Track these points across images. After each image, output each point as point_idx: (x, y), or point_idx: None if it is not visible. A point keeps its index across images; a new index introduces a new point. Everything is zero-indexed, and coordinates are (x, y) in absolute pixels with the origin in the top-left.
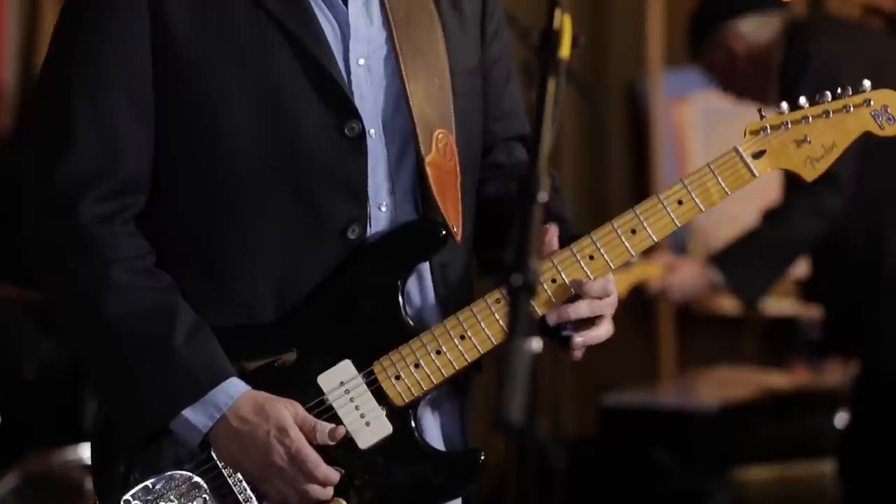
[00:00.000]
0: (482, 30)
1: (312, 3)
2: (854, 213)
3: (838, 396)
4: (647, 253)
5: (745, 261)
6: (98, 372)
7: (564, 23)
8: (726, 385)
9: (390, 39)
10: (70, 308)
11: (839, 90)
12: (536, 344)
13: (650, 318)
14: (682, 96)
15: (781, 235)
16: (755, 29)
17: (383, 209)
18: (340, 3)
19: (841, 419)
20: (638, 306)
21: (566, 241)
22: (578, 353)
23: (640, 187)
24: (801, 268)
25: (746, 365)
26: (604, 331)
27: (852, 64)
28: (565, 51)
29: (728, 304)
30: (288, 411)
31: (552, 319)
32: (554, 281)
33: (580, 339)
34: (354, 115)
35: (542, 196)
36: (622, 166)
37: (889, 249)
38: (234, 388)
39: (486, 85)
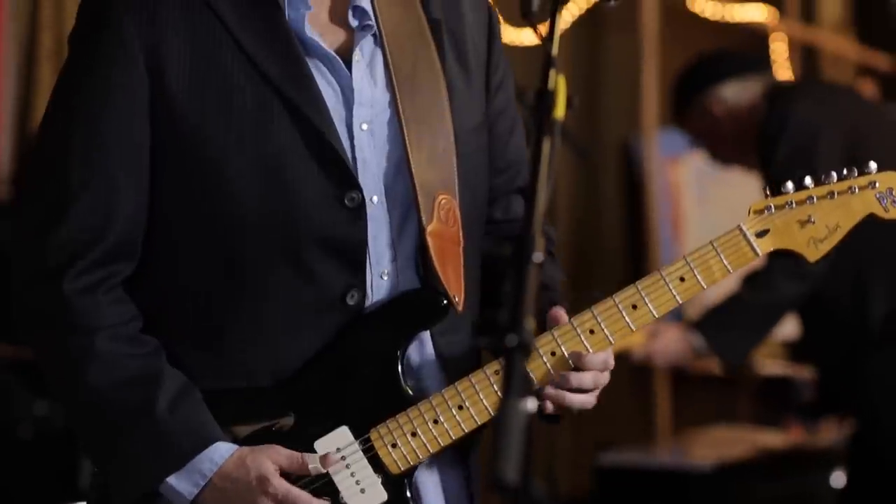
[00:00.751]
0: (487, 82)
1: (314, 68)
2: (838, 270)
3: (834, 455)
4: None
5: (728, 325)
6: (85, 439)
7: (559, 83)
8: (722, 445)
9: (394, 102)
10: (55, 376)
11: (844, 171)
12: (531, 404)
13: (645, 377)
14: (677, 156)
15: (763, 299)
16: (737, 93)
17: (385, 277)
18: (343, 66)
19: (837, 478)
20: (633, 366)
21: (552, 307)
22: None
23: (634, 246)
24: (792, 328)
25: (742, 424)
26: (593, 399)
27: (831, 127)
28: (560, 111)
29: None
30: (269, 458)
31: (552, 390)
32: (553, 354)
33: (576, 402)
34: (354, 185)
35: (538, 256)
36: (617, 225)
37: (874, 305)
38: (219, 453)
39: (490, 138)
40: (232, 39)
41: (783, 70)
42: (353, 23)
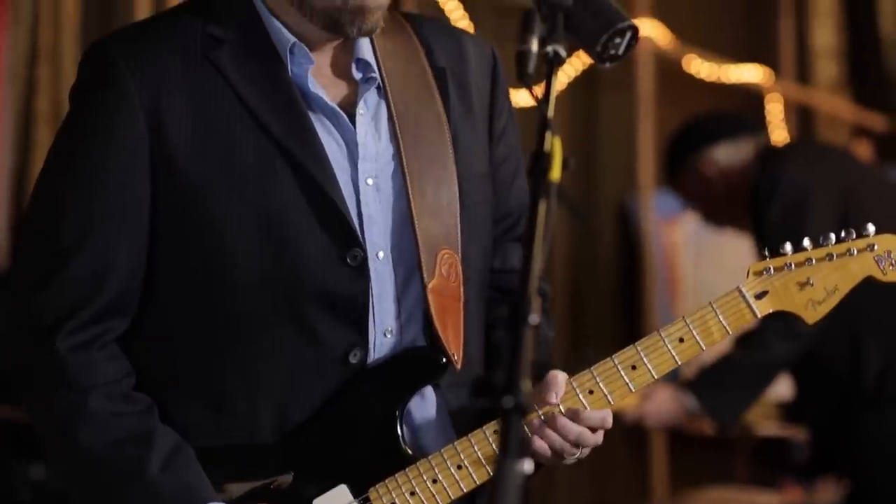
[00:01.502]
0: (490, 129)
1: (317, 123)
2: (831, 328)
3: None
4: None
5: (721, 385)
6: (79, 499)
7: (555, 145)
8: None
9: (398, 155)
10: (48, 436)
11: (843, 233)
12: (528, 465)
13: (641, 438)
14: (673, 216)
15: (756, 359)
16: (729, 155)
17: (388, 335)
18: (348, 120)
19: None
20: (628, 426)
21: (542, 365)
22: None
23: (631, 306)
24: (786, 388)
25: (738, 485)
26: (571, 453)
27: (823, 188)
28: (556, 173)
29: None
30: None
31: (549, 433)
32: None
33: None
34: (357, 243)
35: (533, 318)
36: (613, 285)
37: (867, 363)
38: None
39: (493, 185)
40: (234, 94)
41: (779, 130)
42: (357, 76)
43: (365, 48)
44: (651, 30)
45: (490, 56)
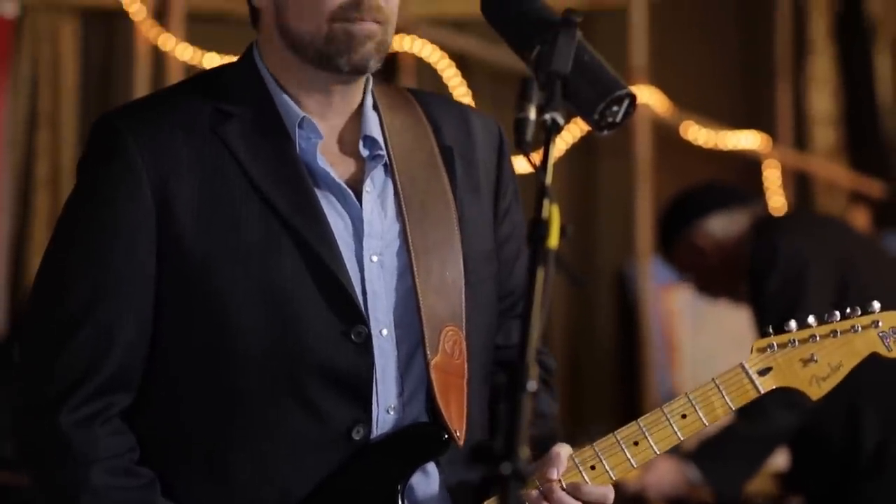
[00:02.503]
0: (495, 208)
1: (324, 199)
2: (829, 400)
3: None
4: None
5: (722, 456)
6: None
7: (553, 213)
8: None
9: (403, 232)
10: None
11: (848, 309)
12: None
13: None
14: (671, 283)
15: (758, 430)
16: (724, 226)
17: (391, 412)
18: (354, 198)
19: None
20: (631, 498)
21: (547, 438)
22: None
23: (629, 373)
24: (782, 458)
25: None
26: None
27: (821, 259)
28: (553, 241)
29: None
30: None
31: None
32: None
33: None
34: (361, 320)
35: (531, 385)
36: (611, 352)
37: (866, 434)
38: None
39: (498, 262)
40: (241, 170)
41: (776, 197)
42: (364, 153)
43: (373, 125)
44: (649, 96)
45: (496, 134)
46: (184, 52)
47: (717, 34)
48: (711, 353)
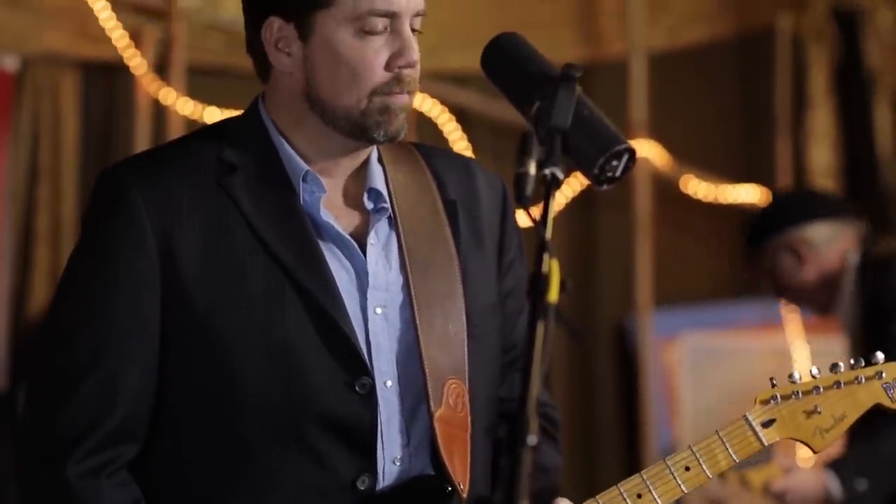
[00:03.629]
0: (499, 262)
1: (327, 252)
2: None
3: None
4: None
5: (868, 472)
6: None
7: (553, 267)
8: None
9: (407, 285)
10: None
11: (852, 361)
12: None
13: None
14: (671, 336)
15: None
16: (826, 238)
17: (397, 463)
18: (358, 250)
19: None
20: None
21: (549, 491)
22: None
23: (629, 426)
24: None
25: None
26: None
27: None
28: (553, 295)
29: None
30: None
31: None
32: None
33: None
34: (366, 371)
35: (531, 439)
36: (611, 406)
37: None
38: None
39: (501, 316)
40: (245, 222)
41: None
42: (369, 205)
43: (377, 177)
44: (648, 150)
45: (500, 188)
46: (184, 106)
47: (717, 88)
48: (711, 406)
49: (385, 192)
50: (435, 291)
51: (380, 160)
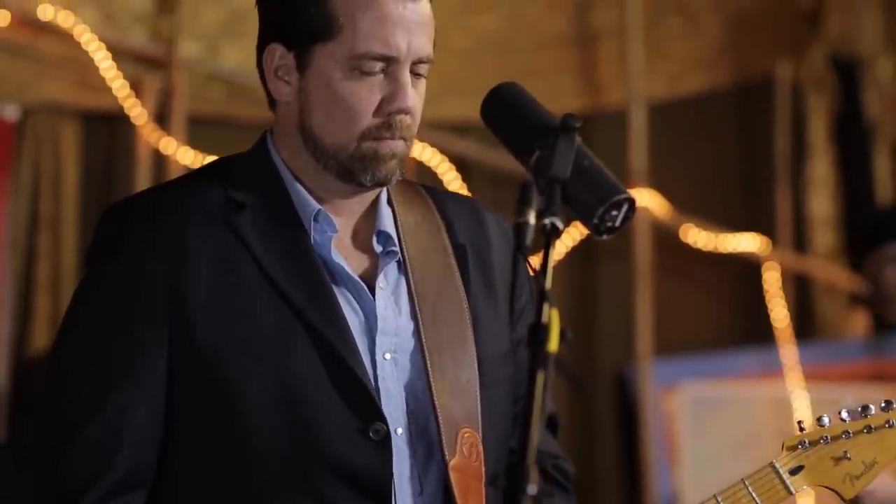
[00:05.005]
0: (511, 309)
1: (338, 294)
2: None
3: None
4: None
5: None
6: None
7: (552, 317)
8: None
9: (417, 332)
10: None
11: (883, 404)
12: None
13: None
14: (671, 385)
15: None
16: None
17: None
18: (368, 293)
19: None
20: None
21: None
22: None
23: (629, 476)
24: None
25: None
26: None
27: None
28: (553, 345)
29: None
30: None
31: None
32: None
33: None
34: (379, 417)
35: (531, 488)
36: (612, 455)
37: None
38: None
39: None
40: (254, 261)
41: (776, 299)
42: (378, 248)
43: (387, 220)
44: (648, 199)
45: (510, 234)
46: (185, 156)
47: (717, 136)
48: (712, 455)
49: (395, 235)
50: (446, 338)
51: (389, 202)
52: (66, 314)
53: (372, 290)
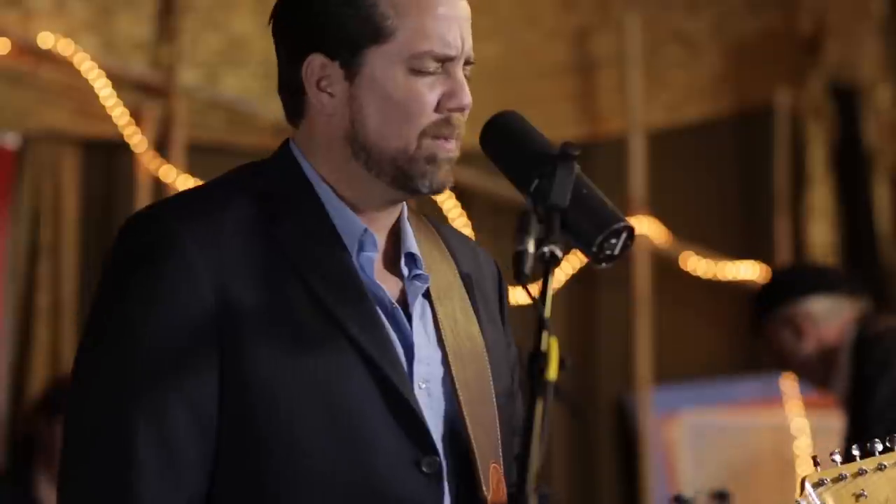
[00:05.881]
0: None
1: (385, 322)
2: None
3: None
4: None
5: None
6: None
7: (552, 345)
8: None
9: (445, 361)
10: None
11: (888, 441)
12: None
13: None
14: (671, 413)
15: None
16: (827, 312)
17: None
18: (405, 321)
19: None
20: None
21: None
22: None
23: (630, 503)
24: None
25: None
26: None
27: None
28: (552, 373)
29: None
30: None
31: None
32: None
33: None
34: (434, 449)
35: None
36: (612, 483)
37: None
38: None
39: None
40: (300, 281)
41: None
42: (405, 271)
43: (411, 242)
44: (647, 227)
45: (496, 272)
46: (185, 184)
47: (716, 164)
48: (712, 483)
49: (421, 258)
50: (470, 369)
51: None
52: (93, 332)
53: (405, 316)
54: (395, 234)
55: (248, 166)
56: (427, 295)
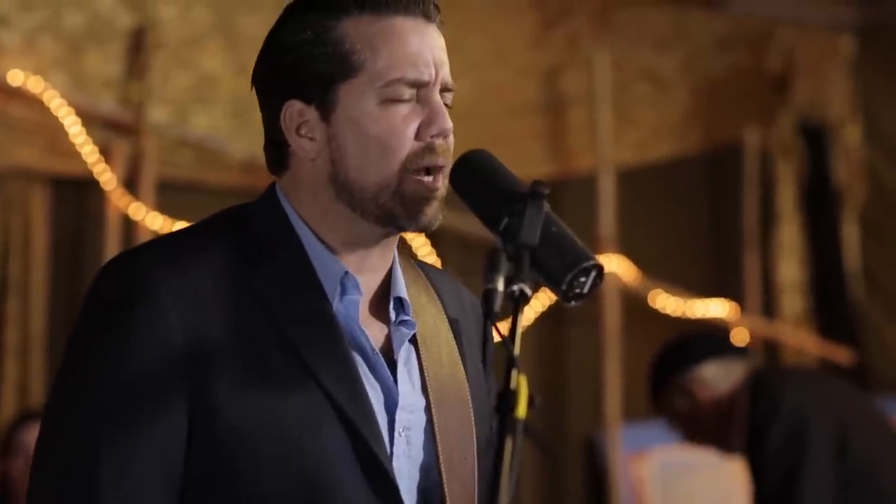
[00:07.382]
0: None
1: (359, 367)
2: None
3: None
4: None
5: None
6: None
7: (521, 383)
8: None
9: (428, 409)
10: None
11: None
12: None
13: None
14: (641, 451)
15: None
16: (718, 376)
17: None
18: (387, 369)
19: None
20: None
21: None
22: None
23: None
24: None
25: None
26: None
27: (821, 417)
28: (522, 411)
29: None
30: None
31: None
32: None
33: None
34: (399, 502)
35: None
36: None
37: None
38: None
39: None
40: (277, 332)
41: None
42: (392, 315)
43: (401, 285)
44: (617, 265)
45: (482, 316)
46: (154, 221)
47: (685, 202)
48: None
49: (410, 303)
50: (453, 419)
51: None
52: (66, 381)
53: (389, 362)
54: (389, 276)
55: (233, 209)
56: (413, 340)
